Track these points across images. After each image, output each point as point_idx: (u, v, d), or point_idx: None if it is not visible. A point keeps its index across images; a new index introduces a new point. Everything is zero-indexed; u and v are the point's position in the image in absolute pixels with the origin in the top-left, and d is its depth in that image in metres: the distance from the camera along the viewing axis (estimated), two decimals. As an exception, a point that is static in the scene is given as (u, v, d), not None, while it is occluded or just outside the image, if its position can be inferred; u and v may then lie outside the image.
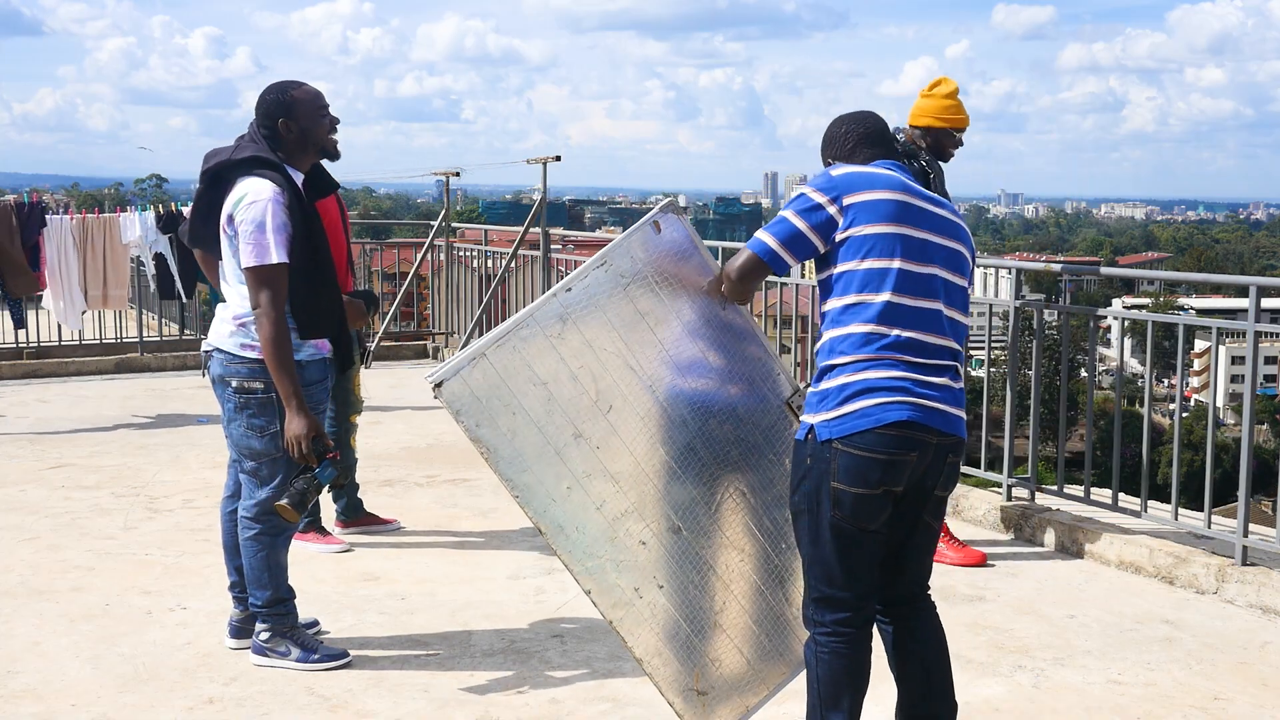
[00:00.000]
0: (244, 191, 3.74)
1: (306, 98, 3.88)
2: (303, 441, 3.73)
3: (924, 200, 2.96)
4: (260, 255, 3.68)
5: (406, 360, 11.19)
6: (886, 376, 2.81)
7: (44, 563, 5.06)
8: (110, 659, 4.02)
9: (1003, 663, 4.05)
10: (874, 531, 2.86)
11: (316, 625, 4.27)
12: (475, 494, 6.28)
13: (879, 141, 3.09)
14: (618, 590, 3.11)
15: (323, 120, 3.90)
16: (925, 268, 2.88)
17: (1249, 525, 4.77)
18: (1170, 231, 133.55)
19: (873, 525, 2.85)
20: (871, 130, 3.10)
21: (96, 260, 9.37)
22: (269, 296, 3.69)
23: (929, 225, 2.92)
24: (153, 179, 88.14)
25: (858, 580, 2.88)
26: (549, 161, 9.14)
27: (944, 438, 2.84)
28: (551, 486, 3.08)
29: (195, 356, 10.49)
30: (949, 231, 2.96)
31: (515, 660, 4.05)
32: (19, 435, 7.70)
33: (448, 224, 10.80)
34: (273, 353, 3.70)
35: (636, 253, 3.11)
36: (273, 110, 3.84)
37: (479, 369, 2.99)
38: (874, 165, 3.01)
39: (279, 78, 7.89)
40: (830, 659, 2.90)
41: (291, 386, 3.71)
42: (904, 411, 2.78)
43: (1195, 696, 3.81)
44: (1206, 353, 60.11)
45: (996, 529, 5.62)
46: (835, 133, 3.12)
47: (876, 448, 2.78)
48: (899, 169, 3.02)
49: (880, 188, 2.90)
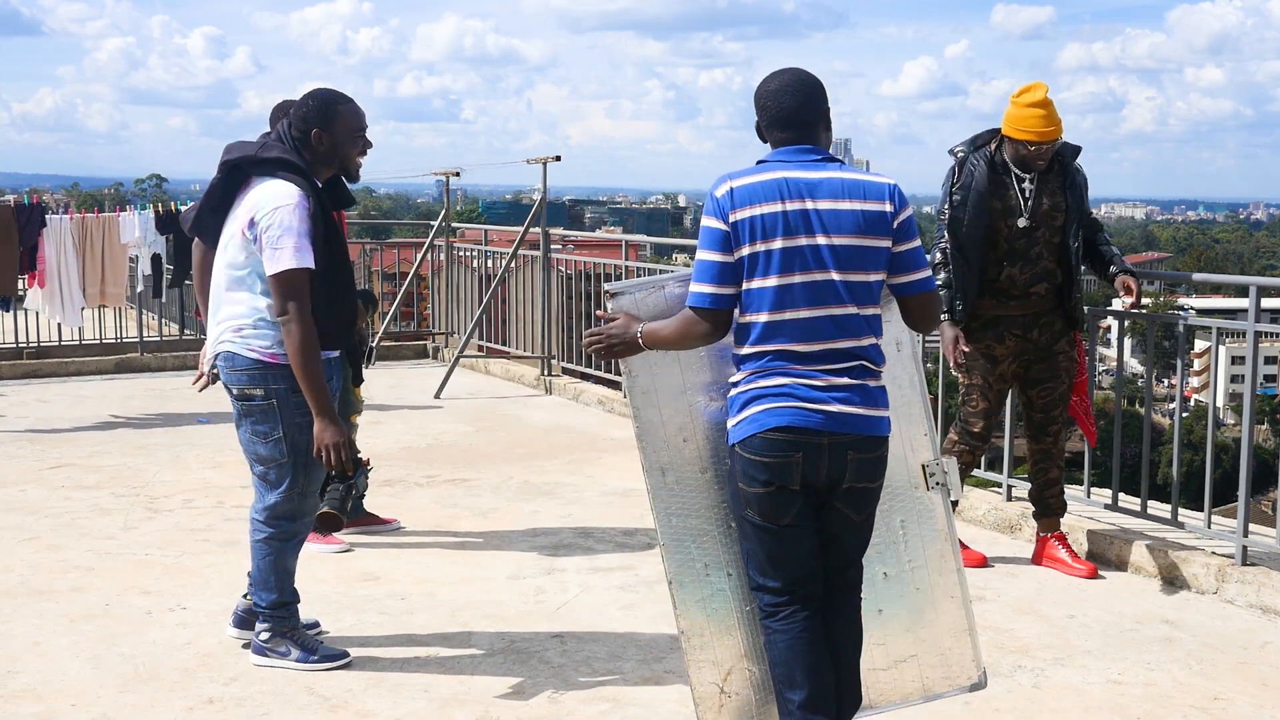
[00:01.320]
0: (269, 194, 3.69)
1: (349, 116, 3.84)
2: (339, 450, 3.68)
3: (807, 198, 2.91)
4: (288, 260, 3.63)
5: (406, 360, 11.19)
6: (771, 385, 2.93)
7: (44, 563, 5.06)
8: (110, 659, 4.02)
9: (1003, 663, 4.05)
10: (790, 525, 2.99)
11: (317, 626, 4.26)
12: (475, 494, 6.28)
13: (789, 124, 3.00)
14: (689, 559, 3.18)
15: (356, 143, 3.88)
16: (808, 275, 2.90)
17: (1249, 525, 4.77)
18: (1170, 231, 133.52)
19: (784, 520, 2.98)
20: (781, 112, 3.01)
21: (95, 260, 9.36)
22: (297, 304, 3.64)
23: (810, 228, 2.90)
24: (153, 179, 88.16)
25: (783, 569, 3.02)
26: (549, 161, 9.13)
27: (835, 436, 2.92)
28: (671, 432, 3.17)
29: (195, 356, 10.48)
30: (837, 225, 2.91)
31: (515, 660, 4.05)
32: (19, 435, 7.70)
33: (448, 224, 10.80)
34: (302, 362, 3.64)
35: None
36: (311, 117, 3.80)
37: (654, 296, 3.13)
38: (769, 162, 2.98)
39: (279, 77, 7.87)
40: (776, 640, 3.05)
41: (321, 396, 3.66)
42: (784, 417, 2.91)
43: (1195, 696, 3.81)
44: (1206, 353, 60.11)
45: (996, 529, 5.62)
46: (757, 105, 3.09)
47: (763, 451, 2.93)
48: (794, 157, 2.96)
49: (757, 202, 2.91)
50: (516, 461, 7.01)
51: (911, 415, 3.27)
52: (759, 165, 3.01)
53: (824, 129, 3.05)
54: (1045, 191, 4.81)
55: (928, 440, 3.28)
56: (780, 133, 3.02)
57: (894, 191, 2.98)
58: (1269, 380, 57.00)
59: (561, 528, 5.64)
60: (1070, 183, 4.84)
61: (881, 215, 2.95)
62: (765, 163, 3.01)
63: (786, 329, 2.92)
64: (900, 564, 3.34)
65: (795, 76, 3.05)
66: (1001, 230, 4.79)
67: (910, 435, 3.28)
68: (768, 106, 3.04)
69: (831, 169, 2.97)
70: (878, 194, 2.95)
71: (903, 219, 2.98)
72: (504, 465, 6.92)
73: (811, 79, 3.05)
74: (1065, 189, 4.83)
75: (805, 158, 2.98)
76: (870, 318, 2.98)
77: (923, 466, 3.30)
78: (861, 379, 2.96)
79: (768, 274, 2.91)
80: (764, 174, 2.95)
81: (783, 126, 3.02)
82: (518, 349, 10.31)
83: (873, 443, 2.98)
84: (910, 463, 3.29)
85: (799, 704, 3.01)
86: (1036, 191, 4.79)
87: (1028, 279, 4.82)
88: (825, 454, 2.93)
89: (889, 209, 2.95)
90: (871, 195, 2.95)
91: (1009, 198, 4.80)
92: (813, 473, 2.94)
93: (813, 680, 3.01)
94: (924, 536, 3.32)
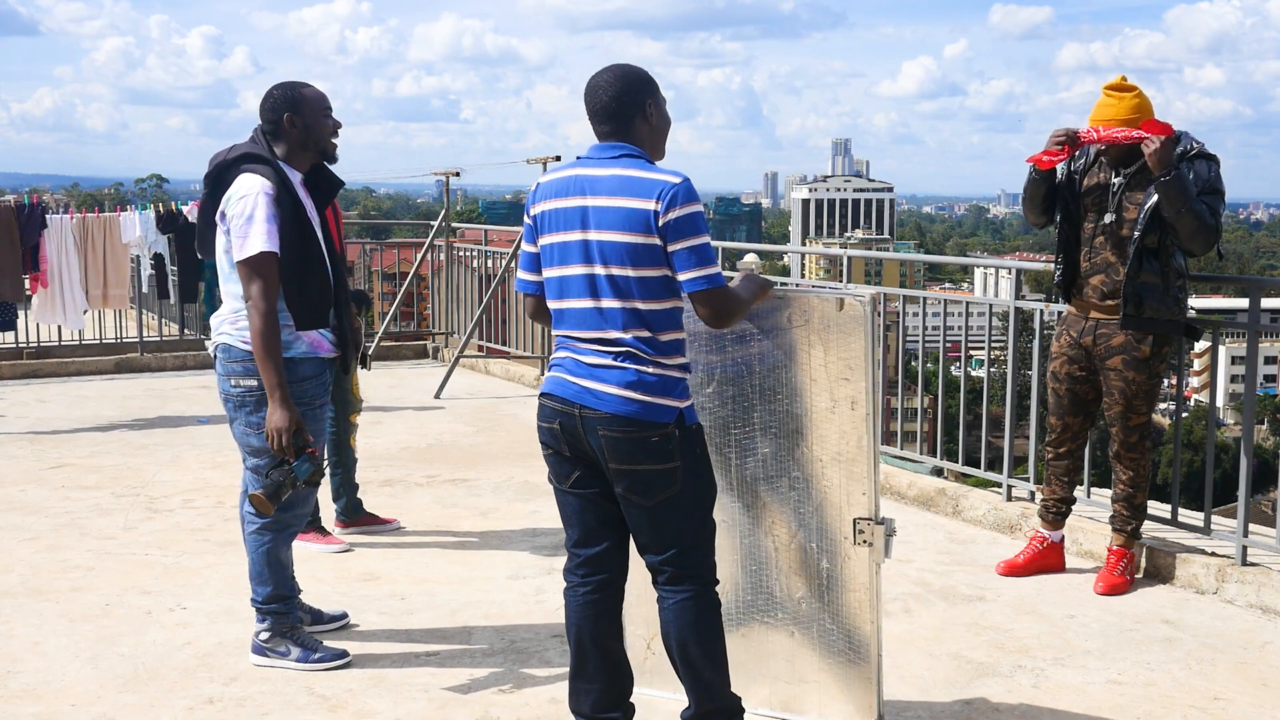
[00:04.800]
0: (235, 187, 3.82)
1: (314, 96, 3.99)
2: (282, 434, 3.73)
3: (575, 195, 3.05)
4: (248, 247, 3.73)
5: (406, 360, 11.19)
6: (555, 357, 3.20)
7: (44, 563, 5.06)
8: (110, 659, 4.02)
9: (1003, 663, 4.05)
10: (571, 491, 3.21)
11: (345, 617, 4.35)
12: (475, 494, 6.28)
13: (606, 118, 3.10)
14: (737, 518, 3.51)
15: (326, 121, 3.99)
16: (570, 269, 3.08)
17: (1249, 525, 4.77)
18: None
19: (562, 484, 3.22)
20: (596, 108, 3.10)
21: (97, 260, 9.37)
22: (260, 288, 3.73)
23: (572, 224, 3.06)
24: (153, 179, 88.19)
25: (573, 530, 3.27)
26: (549, 161, 9.13)
27: (585, 410, 3.07)
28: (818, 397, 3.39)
29: (195, 356, 10.50)
30: (591, 221, 3.02)
31: (515, 660, 4.05)
32: (19, 435, 7.71)
33: (448, 224, 10.80)
34: (259, 344, 3.73)
35: None
36: (279, 105, 3.92)
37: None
38: (584, 155, 3.12)
39: (278, 77, 7.90)
40: (564, 602, 3.29)
41: (275, 378, 3.73)
42: (548, 383, 3.16)
43: (1195, 696, 3.81)
44: (1206, 353, 60.10)
45: (996, 529, 5.62)
46: None
47: (540, 415, 3.20)
48: (595, 154, 3.08)
49: (541, 199, 3.15)
50: (516, 461, 7.01)
51: (854, 472, 3.38)
52: (593, 149, 3.15)
53: (641, 122, 3.11)
54: (1133, 188, 4.61)
55: (865, 499, 3.38)
56: (602, 126, 3.12)
57: (665, 191, 2.98)
58: (1269, 380, 56.98)
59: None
60: None
61: (645, 214, 2.99)
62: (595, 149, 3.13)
63: (564, 317, 3.13)
64: (818, 601, 3.48)
65: (610, 72, 3.13)
66: (1084, 216, 4.72)
67: (849, 490, 3.39)
68: (588, 106, 3.13)
69: (619, 166, 3.04)
70: (646, 192, 2.99)
71: (672, 218, 2.97)
72: (504, 465, 6.92)
73: (626, 71, 3.12)
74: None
75: (604, 154, 3.08)
76: (644, 312, 3.03)
77: (854, 521, 3.40)
78: (622, 361, 3.05)
79: (549, 265, 3.14)
80: (561, 172, 3.14)
81: (600, 121, 3.11)
82: (518, 349, 10.31)
83: (619, 423, 3.03)
84: (844, 515, 3.41)
85: (568, 677, 3.30)
86: (1124, 187, 4.62)
87: (1089, 267, 4.72)
88: (580, 426, 3.09)
89: (654, 208, 2.99)
90: (640, 193, 3.00)
91: (1101, 184, 4.68)
92: (576, 443, 3.11)
93: (576, 660, 3.25)
94: (845, 584, 3.45)
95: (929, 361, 9.48)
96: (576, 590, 3.25)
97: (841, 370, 3.33)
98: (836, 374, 3.34)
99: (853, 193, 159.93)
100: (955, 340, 6.92)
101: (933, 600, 4.67)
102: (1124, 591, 4.75)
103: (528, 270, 3.24)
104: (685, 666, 3.16)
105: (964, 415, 7.09)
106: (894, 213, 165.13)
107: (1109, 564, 4.84)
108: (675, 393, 3.07)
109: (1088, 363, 4.79)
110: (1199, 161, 4.55)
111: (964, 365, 9.13)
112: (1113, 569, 4.81)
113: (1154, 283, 4.56)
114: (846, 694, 3.48)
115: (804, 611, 3.50)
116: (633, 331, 3.03)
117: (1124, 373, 4.67)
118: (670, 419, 3.05)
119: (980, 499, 5.80)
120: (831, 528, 3.42)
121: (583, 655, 3.24)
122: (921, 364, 7.83)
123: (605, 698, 3.25)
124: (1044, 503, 5.04)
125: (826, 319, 3.33)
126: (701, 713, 3.19)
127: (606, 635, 3.24)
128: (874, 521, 3.36)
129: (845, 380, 3.33)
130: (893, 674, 3.88)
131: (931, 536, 5.53)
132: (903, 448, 6.70)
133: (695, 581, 3.14)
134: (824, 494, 3.41)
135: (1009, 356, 5.87)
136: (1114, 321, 4.67)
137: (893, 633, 4.17)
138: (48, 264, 9.08)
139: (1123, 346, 4.65)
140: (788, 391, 3.40)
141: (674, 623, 3.14)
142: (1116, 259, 4.64)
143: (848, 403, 3.34)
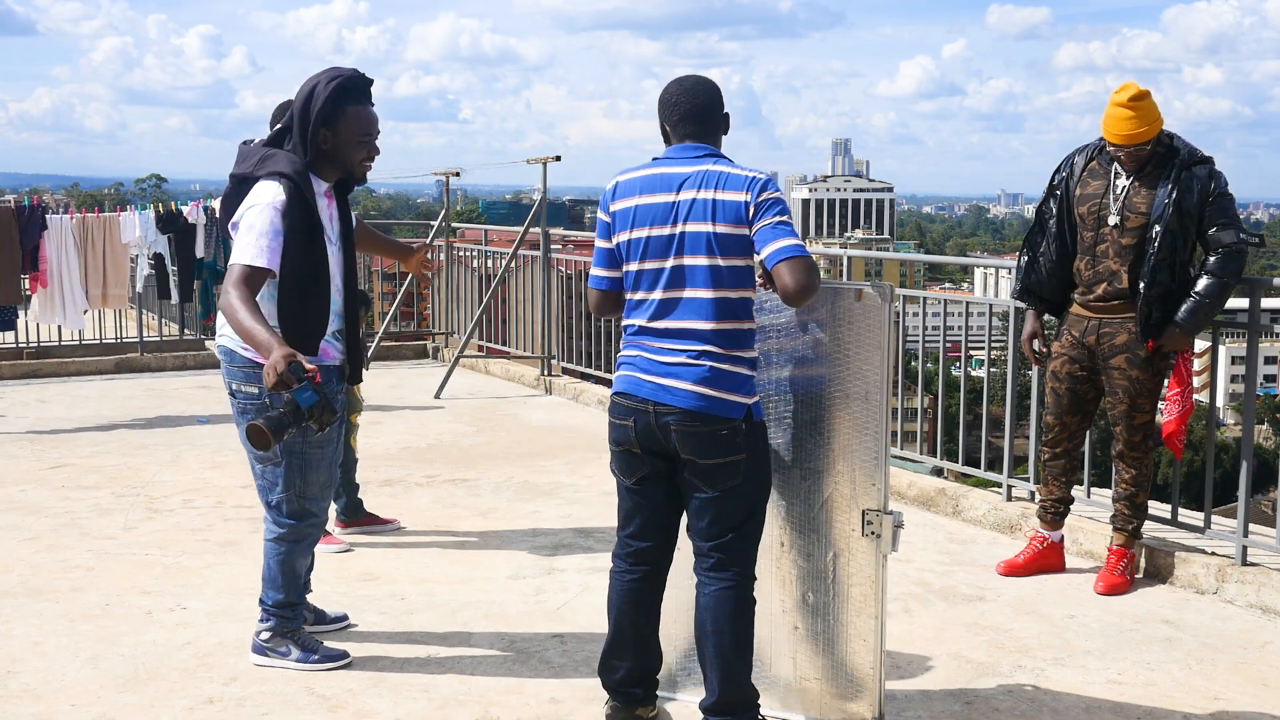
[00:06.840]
0: (251, 194, 3.75)
1: (355, 118, 3.80)
2: (277, 365, 3.40)
3: (662, 191, 3.20)
4: (242, 255, 3.65)
5: (406, 360, 11.20)
6: (624, 356, 3.31)
7: (44, 563, 5.06)
8: (110, 659, 4.02)
9: (1003, 663, 4.05)
10: (636, 487, 3.33)
11: (345, 618, 4.34)
12: (475, 494, 6.28)
13: (697, 121, 3.27)
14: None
15: (360, 149, 3.83)
16: (654, 263, 3.21)
17: (1249, 525, 4.77)
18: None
19: (627, 480, 3.34)
20: (688, 109, 3.26)
21: (97, 260, 9.36)
22: (234, 284, 3.60)
23: (659, 219, 3.19)
24: (152, 179, 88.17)
25: (629, 523, 3.38)
26: (549, 161, 9.13)
27: (659, 407, 3.18)
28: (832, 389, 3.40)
29: (195, 356, 10.50)
30: (682, 215, 3.16)
31: (515, 660, 4.05)
32: (19, 435, 7.71)
33: (447, 224, 10.80)
34: (234, 322, 3.55)
35: None
36: (318, 117, 3.77)
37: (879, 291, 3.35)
38: (665, 155, 3.27)
39: (276, 77, 7.86)
40: (609, 586, 3.43)
41: (261, 338, 3.48)
42: (620, 383, 3.28)
43: (1195, 696, 3.81)
44: (1206, 353, 60.08)
45: (996, 529, 5.62)
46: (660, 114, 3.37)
47: (612, 413, 3.32)
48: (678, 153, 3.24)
49: (621, 196, 3.28)
50: (516, 461, 7.01)
51: (866, 464, 3.38)
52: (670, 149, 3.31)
53: (720, 128, 3.32)
54: (1140, 192, 4.60)
55: (875, 490, 3.38)
56: (687, 127, 3.28)
57: (754, 183, 3.15)
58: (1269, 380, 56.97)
59: (561, 528, 5.64)
60: (1175, 187, 4.53)
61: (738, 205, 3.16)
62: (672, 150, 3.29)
63: (640, 308, 3.25)
64: (823, 594, 3.48)
65: (697, 79, 3.33)
66: (1081, 224, 4.70)
67: (860, 481, 3.39)
68: (664, 119, 3.32)
69: (708, 163, 3.21)
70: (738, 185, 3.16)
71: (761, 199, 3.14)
72: (504, 465, 6.92)
73: (711, 83, 3.33)
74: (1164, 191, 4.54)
75: (688, 154, 3.25)
76: (731, 300, 3.18)
77: (863, 512, 3.40)
78: (700, 359, 3.17)
79: (629, 260, 3.26)
80: (643, 171, 3.27)
81: (689, 125, 3.28)
82: (518, 349, 10.31)
83: (695, 418, 3.16)
84: (854, 506, 3.41)
85: (602, 652, 3.45)
86: (1130, 190, 4.61)
87: (1091, 276, 4.71)
88: (654, 421, 3.20)
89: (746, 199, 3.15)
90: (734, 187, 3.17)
91: (1098, 193, 4.68)
92: (652, 439, 3.22)
93: (612, 637, 3.41)
94: (851, 577, 3.44)
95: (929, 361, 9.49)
96: (623, 575, 3.40)
97: (857, 362, 3.34)
98: (852, 366, 3.35)
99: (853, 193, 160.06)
100: (955, 340, 6.92)
101: (933, 600, 4.67)
102: (1124, 591, 4.75)
103: (602, 266, 3.35)
104: (717, 656, 3.25)
105: (964, 415, 7.09)
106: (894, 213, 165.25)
107: (1109, 564, 4.84)
108: (744, 389, 3.20)
109: (1089, 362, 4.78)
110: (1198, 168, 4.56)
111: (964, 365, 9.13)
112: (1113, 569, 4.82)
113: (1170, 289, 4.60)
114: (842, 693, 3.48)
115: (809, 605, 3.50)
116: (713, 323, 3.16)
117: (1128, 371, 4.67)
118: (739, 415, 3.19)
119: (980, 499, 5.80)
120: (840, 519, 3.43)
121: (620, 634, 3.40)
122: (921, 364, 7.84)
123: (632, 674, 3.42)
124: (1042, 503, 5.05)
125: (844, 310, 3.34)
126: (724, 701, 3.26)
127: (644, 618, 3.40)
128: (883, 512, 3.37)
129: (861, 372, 3.34)
130: (893, 674, 3.88)
131: (931, 536, 5.53)
132: (903, 447, 6.70)
133: (737, 572, 3.26)
134: (835, 485, 3.41)
135: (1009, 356, 5.86)
136: (1117, 320, 4.67)
137: (893, 633, 4.17)
138: (47, 264, 9.07)
139: (1126, 345, 4.66)
140: (803, 382, 3.42)
141: (712, 610, 3.25)
142: (1120, 266, 4.64)
143: (861, 395, 3.35)
